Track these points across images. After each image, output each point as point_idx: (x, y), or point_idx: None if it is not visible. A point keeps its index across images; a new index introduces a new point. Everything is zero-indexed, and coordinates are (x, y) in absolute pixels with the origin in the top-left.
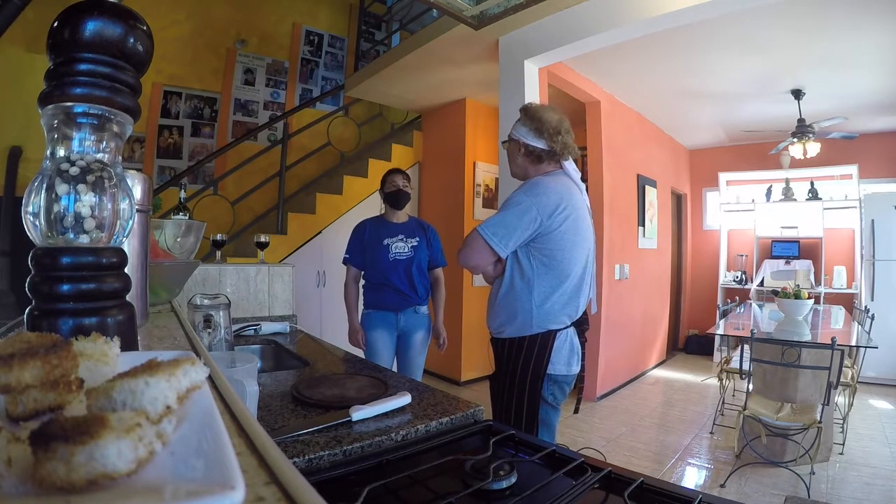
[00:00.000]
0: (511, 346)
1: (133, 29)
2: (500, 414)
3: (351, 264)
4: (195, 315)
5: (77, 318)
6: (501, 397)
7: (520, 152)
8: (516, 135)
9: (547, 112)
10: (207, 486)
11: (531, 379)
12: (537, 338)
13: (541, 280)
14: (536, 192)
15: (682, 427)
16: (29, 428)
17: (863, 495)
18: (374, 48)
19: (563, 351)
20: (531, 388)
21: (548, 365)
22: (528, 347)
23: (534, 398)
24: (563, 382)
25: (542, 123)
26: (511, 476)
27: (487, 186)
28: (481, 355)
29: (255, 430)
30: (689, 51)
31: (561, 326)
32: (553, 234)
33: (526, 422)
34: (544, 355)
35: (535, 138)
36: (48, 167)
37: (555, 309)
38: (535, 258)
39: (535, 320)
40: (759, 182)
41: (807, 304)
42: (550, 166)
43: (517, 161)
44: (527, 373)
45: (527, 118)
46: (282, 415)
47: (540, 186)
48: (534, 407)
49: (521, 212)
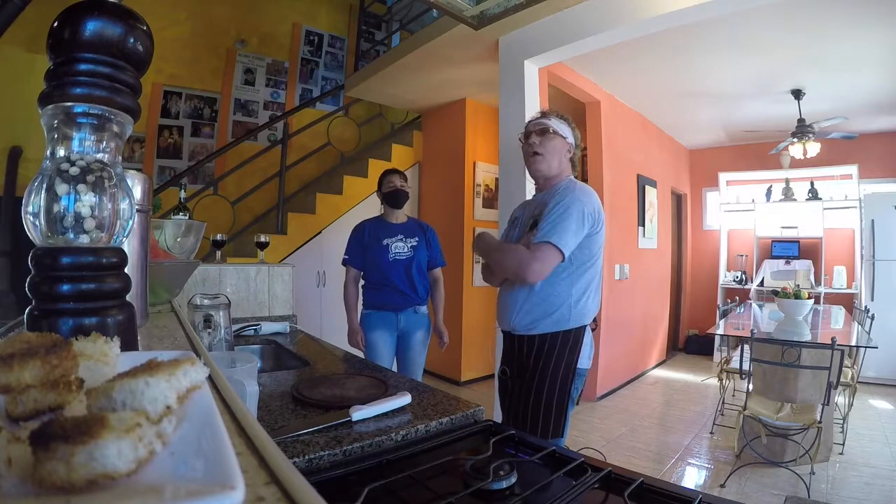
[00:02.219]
0: (542, 342)
1: (133, 29)
2: (521, 411)
3: (350, 265)
4: (195, 315)
5: (77, 318)
6: (527, 394)
7: (567, 152)
8: (570, 137)
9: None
10: (207, 486)
11: (563, 374)
12: (571, 333)
13: (581, 278)
14: (588, 197)
15: (682, 427)
16: (29, 428)
17: (863, 495)
18: (374, 48)
19: (588, 345)
20: (562, 383)
21: (577, 360)
22: (562, 343)
23: (564, 393)
24: (583, 377)
25: (577, 138)
26: (511, 476)
27: (487, 186)
28: (481, 355)
29: (255, 430)
30: (689, 51)
31: (588, 322)
32: (595, 235)
33: (555, 417)
34: (576, 350)
35: (575, 146)
36: (48, 167)
37: (588, 305)
38: (577, 257)
39: (573, 316)
40: (759, 182)
41: (807, 304)
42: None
43: (560, 157)
44: (559, 368)
45: (571, 126)
46: (282, 415)
47: (588, 192)
48: (563, 401)
49: (582, 217)
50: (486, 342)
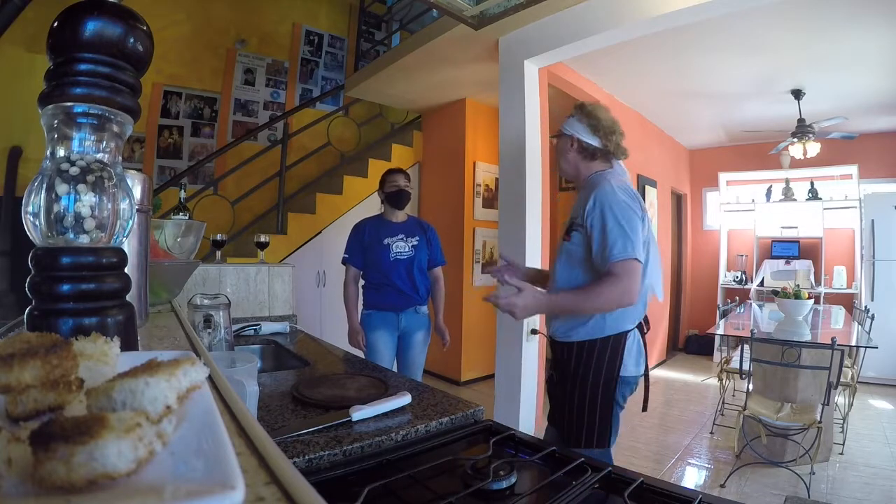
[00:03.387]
0: (581, 350)
1: (133, 29)
2: (565, 417)
3: (350, 264)
4: (195, 315)
5: (77, 318)
6: (569, 401)
7: (572, 147)
8: (570, 130)
9: (602, 111)
10: (207, 486)
11: (604, 381)
12: (609, 340)
13: None
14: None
15: (682, 427)
16: (29, 428)
17: (863, 495)
18: (374, 48)
19: (633, 351)
20: (604, 390)
21: (621, 367)
22: (601, 350)
23: (607, 401)
24: (633, 383)
25: (599, 121)
26: (511, 476)
27: (487, 186)
28: (481, 355)
29: (255, 430)
30: (689, 51)
31: (632, 327)
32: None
33: (599, 425)
34: (616, 357)
35: (590, 135)
36: (48, 167)
37: (628, 309)
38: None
39: (608, 323)
40: (759, 182)
41: (807, 304)
42: (602, 165)
43: (568, 156)
44: (600, 376)
45: (582, 115)
46: (282, 415)
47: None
48: (607, 409)
49: (636, 218)
50: (486, 342)
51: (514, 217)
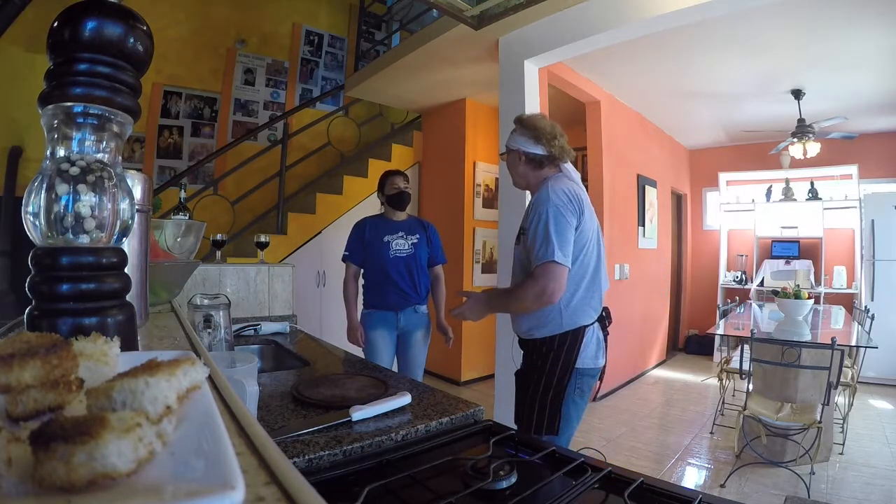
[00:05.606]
0: (542, 345)
1: (133, 29)
2: (522, 408)
3: (350, 261)
4: (195, 315)
5: (77, 318)
6: (526, 392)
7: (520, 161)
8: (514, 145)
9: (540, 120)
10: (207, 486)
11: (559, 375)
12: (567, 335)
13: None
14: (562, 198)
15: (682, 427)
16: (29, 428)
17: (863, 495)
18: (374, 48)
19: (591, 345)
20: (558, 383)
21: (576, 360)
22: (559, 344)
23: (559, 393)
24: (590, 375)
25: (538, 130)
26: (511, 476)
27: (487, 186)
28: (481, 355)
29: (255, 430)
30: (689, 51)
31: (589, 322)
32: (578, 234)
33: (549, 416)
34: (573, 352)
35: (534, 145)
36: (48, 167)
37: (581, 305)
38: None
39: (566, 318)
40: (759, 182)
41: (807, 304)
42: (550, 170)
43: (518, 170)
44: (556, 369)
45: (523, 127)
46: (282, 415)
47: (560, 193)
48: (558, 402)
49: (566, 222)
50: (486, 343)
51: (514, 217)
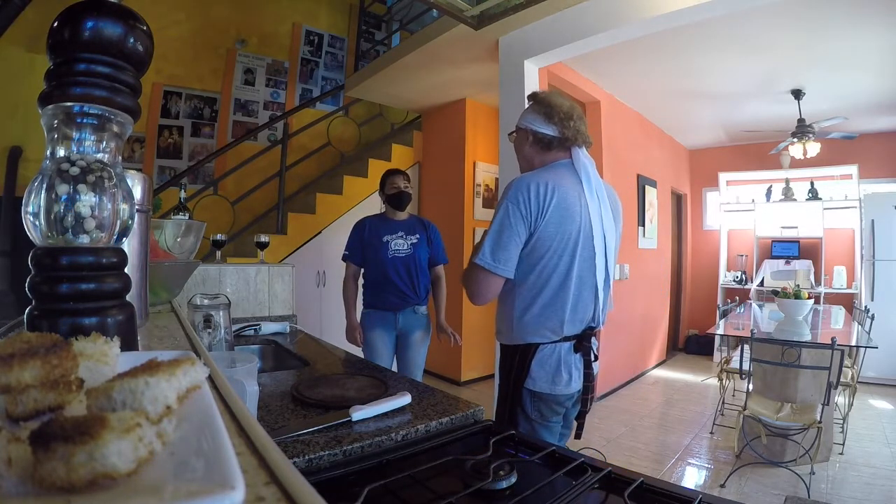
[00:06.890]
0: (503, 352)
1: (133, 29)
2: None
3: (350, 261)
4: (195, 315)
5: (77, 318)
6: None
7: (528, 141)
8: (524, 123)
9: (558, 97)
10: (207, 486)
11: (511, 390)
12: (518, 349)
13: (521, 288)
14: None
15: (682, 427)
16: (29, 428)
17: (863, 495)
18: (374, 48)
19: (548, 367)
20: (512, 398)
21: (525, 379)
22: (510, 356)
23: (513, 409)
24: (551, 401)
25: (553, 108)
26: (511, 476)
27: (487, 186)
28: (481, 355)
29: (255, 430)
30: (689, 51)
31: (544, 340)
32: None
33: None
34: (523, 369)
35: (545, 124)
36: (48, 167)
37: (533, 324)
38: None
39: (515, 331)
40: (759, 182)
41: (807, 304)
42: (559, 155)
43: (524, 151)
44: (508, 382)
45: (536, 104)
46: (282, 415)
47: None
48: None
49: (508, 223)
50: (487, 342)
51: None
